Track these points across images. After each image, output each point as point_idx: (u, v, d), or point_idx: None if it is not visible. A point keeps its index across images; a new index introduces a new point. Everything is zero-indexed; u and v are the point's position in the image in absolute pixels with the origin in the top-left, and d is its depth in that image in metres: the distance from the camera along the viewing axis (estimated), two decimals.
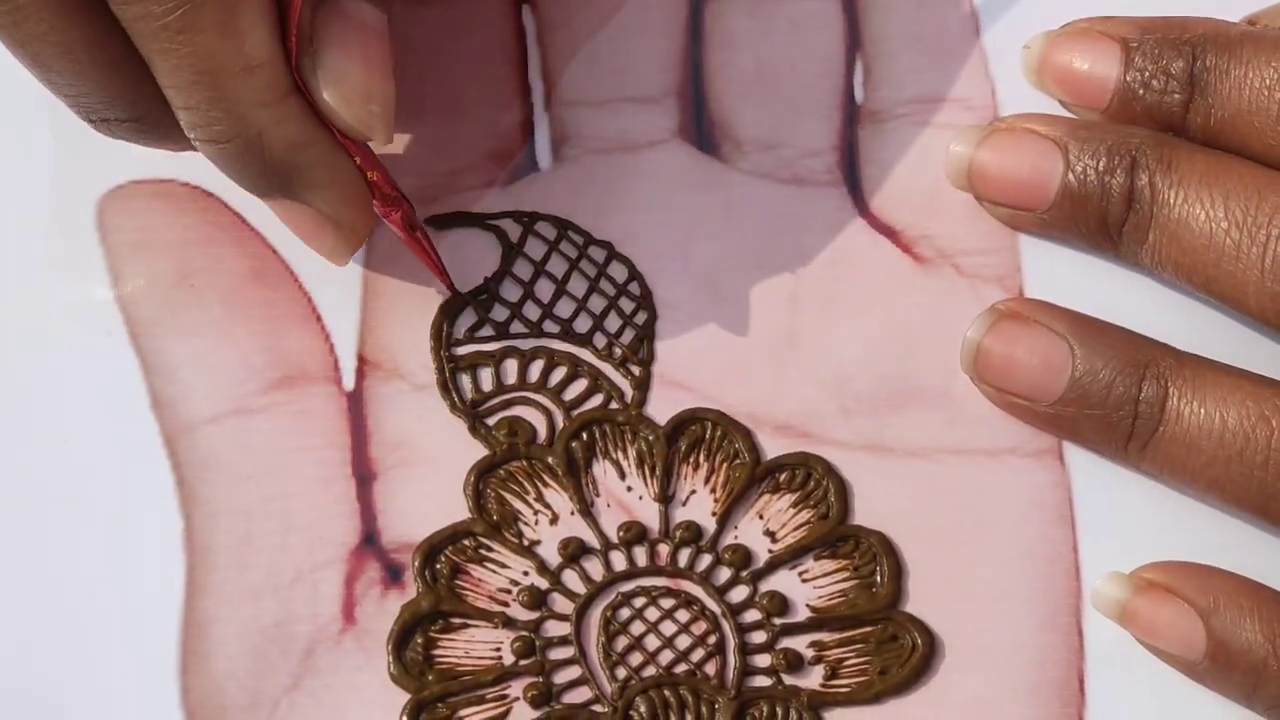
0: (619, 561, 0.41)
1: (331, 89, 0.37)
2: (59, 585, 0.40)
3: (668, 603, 0.40)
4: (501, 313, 0.42)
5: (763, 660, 0.40)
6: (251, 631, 0.40)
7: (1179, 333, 0.41)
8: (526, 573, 0.41)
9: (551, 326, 0.42)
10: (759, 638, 0.40)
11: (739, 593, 0.41)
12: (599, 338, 0.42)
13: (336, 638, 0.40)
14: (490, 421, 0.41)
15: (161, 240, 0.42)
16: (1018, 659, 0.40)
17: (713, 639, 0.40)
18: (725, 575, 0.41)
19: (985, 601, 0.40)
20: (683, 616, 0.40)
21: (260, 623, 0.40)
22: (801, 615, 0.40)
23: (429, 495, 0.41)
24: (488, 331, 0.42)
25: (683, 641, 0.40)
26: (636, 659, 0.40)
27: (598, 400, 0.42)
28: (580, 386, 0.42)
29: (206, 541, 0.41)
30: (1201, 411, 0.39)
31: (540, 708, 0.40)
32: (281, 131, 0.37)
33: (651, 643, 0.40)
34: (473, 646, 0.40)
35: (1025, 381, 0.40)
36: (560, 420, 0.42)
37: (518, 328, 0.42)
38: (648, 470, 0.41)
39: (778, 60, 0.44)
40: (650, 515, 0.41)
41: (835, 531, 0.41)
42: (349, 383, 0.42)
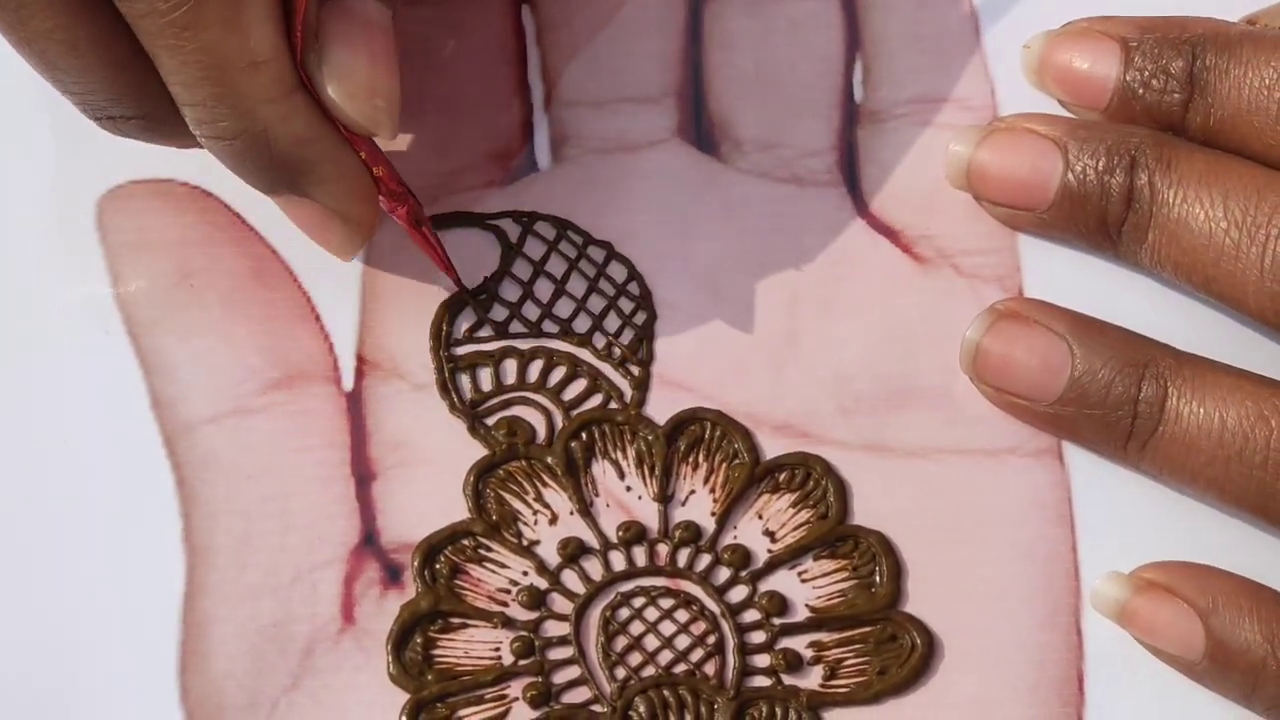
0: (618, 561, 0.41)
1: (336, 84, 0.37)
2: (58, 585, 0.40)
3: (667, 603, 0.40)
4: (501, 313, 0.42)
5: (762, 660, 0.40)
6: (250, 631, 0.40)
7: (1178, 333, 0.40)
8: (526, 573, 0.41)
9: (551, 326, 0.42)
10: (758, 638, 0.40)
11: (738, 593, 0.40)
12: (598, 338, 0.42)
13: (335, 637, 0.40)
14: (489, 421, 0.41)
15: (161, 240, 0.42)
16: (1017, 659, 0.40)
17: (712, 639, 0.40)
18: (724, 575, 0.41)
19: (984, 601, 0.40)
20: (682, 616, 0.40)
21: (259, 622, 0.40)
22: (801, 615, 0.40)
23: (428, 495, 0.41)
24: (487, 331, 0.42)
25: (682, 641, 0.40)
26: (636, 659, 0.40)
27: (597, 400, 0.42)
28: (579, 386, 0.42)
29: (206, 541, 0.41)
30: (1201, 411, 0.39)
31: (539, 708, 0.40)
32: (287, 127, 0.37)
33: (651, 643, 0.40)
34: (472, 646, 0.40)
35: (1024, 381, 0.40)
36: (559, 420, 0.42)
37: (517, 328, 0.42)
38: (647, 470, 0.41)
39: (777, 60, 0.44)
40: (649, 515, 0.41)
41: (834, 531, 0.41)
42: (348, 383, 0.42)
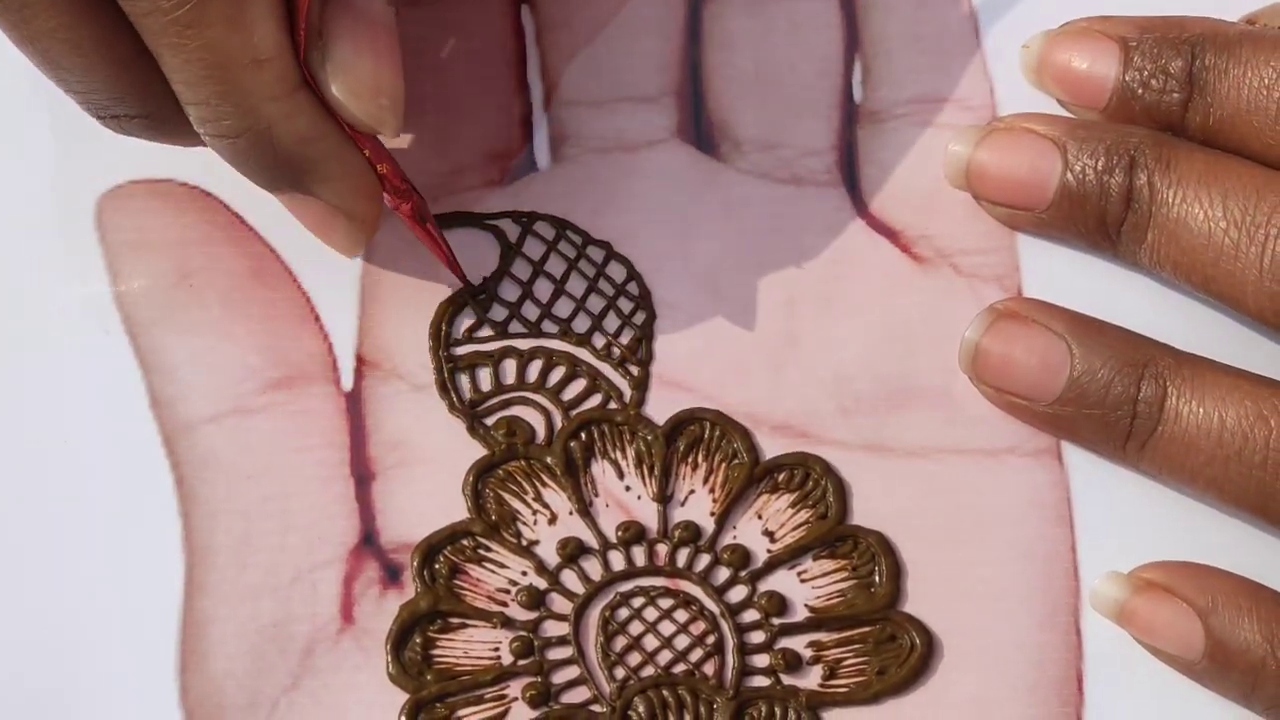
0: (617, 561, 0.41)
1: (340, 82, 0.37)
2: (58, 584, 0.40)
3: (666, 603, 0.40)
4: (500, 312, 0.42)
5: (761, 660, 0.40)
6: (250, 631, 0.40)
7: (1177, 332, 0.40)
8: (525, 573, 0.41)
9: (550, 326, 0.42)
10: (757, 638, 0.40)
11: (737, 593, 0.40)
12: (598, 337, 0.42)
13: (335, 637, 0.40)
14: (489, 421, 0.41)
15: (160, 240, 0.42)
16: (1016, 659, 0.40)
17: (711, 639, 0.40)
18: (724, 575, 0.41)
19: (984, 601, 0.40)
20: (681, 616, 0.40)
21: (259, 622, 0.40)
22: (800, 615, 0.40)
23: (428, 495, 0.41)
24: (486, 331, 0.42)
25: (681, 641, 0.40)
26: (635, 659, 0.40)
27: (596, 400, 0.42)
28: (579, 386, 0.42)
29: (205, 541, 0.41)
30: (1200, 411, 0.39)
31: (539, 708, 0.40)
32: (291, 125, 0.37)
33: (650, 642, 0.40)
34: (471, 646, 0.40)
35: (1023, 381, 0.40)
36: (559, 420, 0.42)
37: (516, 328, 0.42)
38: (646, 470, 0.41)
39: (777, 60, 0.44)
40: (649, 515, 0.41)
41: (834, 531, 0.41)
42: (348, 383, 0.42)
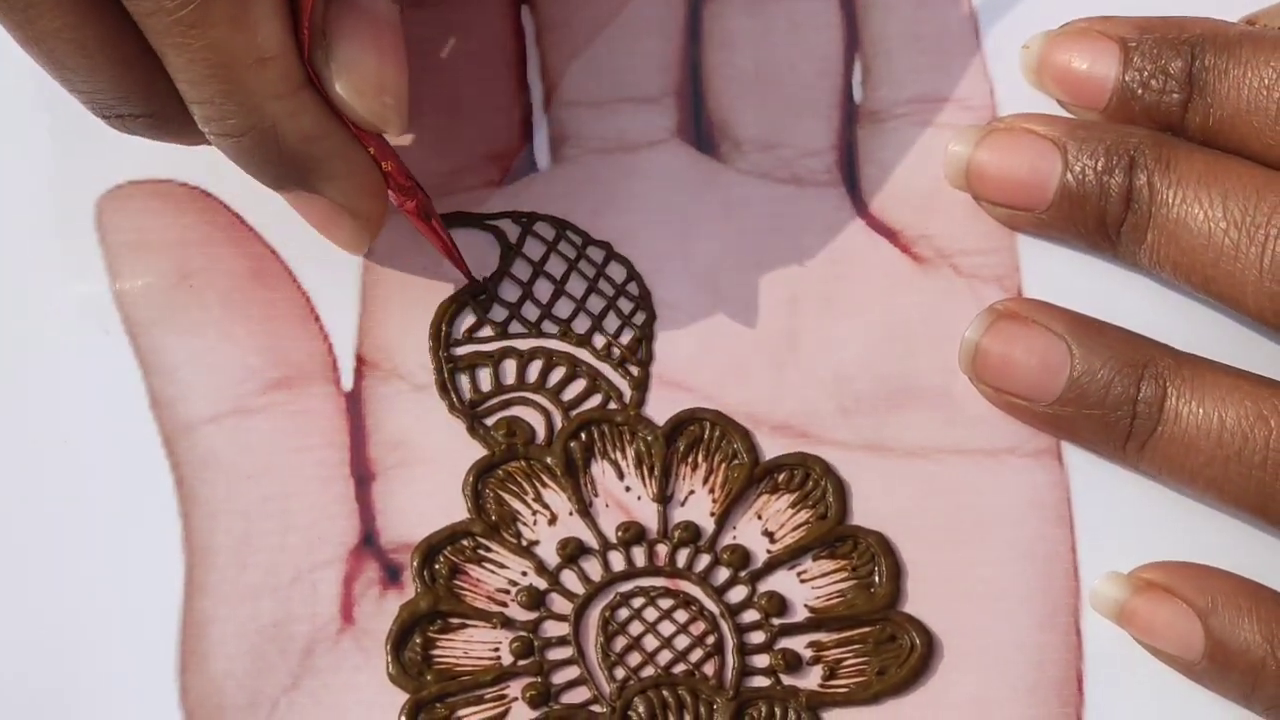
0: (617, 562, 0.41)
1: (344, 81, 0.37)
2: (58, 585, 0.40)
3: (666, 603, 0.40)
4: (500, 313, 0.42)
5: (761, 660, 0.40)
6: (250, 631, 0.40)
7: (1177, 333, 0.40)
8: (525, 573, 0.41)
9: (550, 327, 0.42)
10: (757, 638, 0.40)
11: (737, 593, 0.40)
12: (598, 338, 0.42)
13: (335, 637, 0.40)
14: (489, 422, 0.41)
15: (160, 240, 0.42)
16: (1016, 659, 0.40)
17: (711, 639, 0.40)
18: (724, 575, 0.41)
19: (984, 601, 0.40)
20: (681, 617, 0.40)
21: (259, 622, 0.40)
22: (800, 615, 0.40)
23: (428, 495, 0.41)
24: (486, 332, 0.42)
25: (681, 642, 0.40)
26: (635, 659, 0.40)
27: (596, 400, 0.42)
28: (579, 387, 0.42)
29: (205, 541, 0.41)
30: (1200, 411, 0.39)
31: (538, 708, 0.40)
32: (295, 124, 0.37)
33: (650, 643, 0.40)
34: (471, 646, 0.40)
35: (1023, 381, 0.40)
36: (559, 420, 0.42)
37: (516, 328, 0.42)
38: (646, 470, 0.41)
39: (777, 60, 0.44)
40: (649, 515, 0.41)
41: (834, 532, 0.41)
42: (348, 383, 0.42)
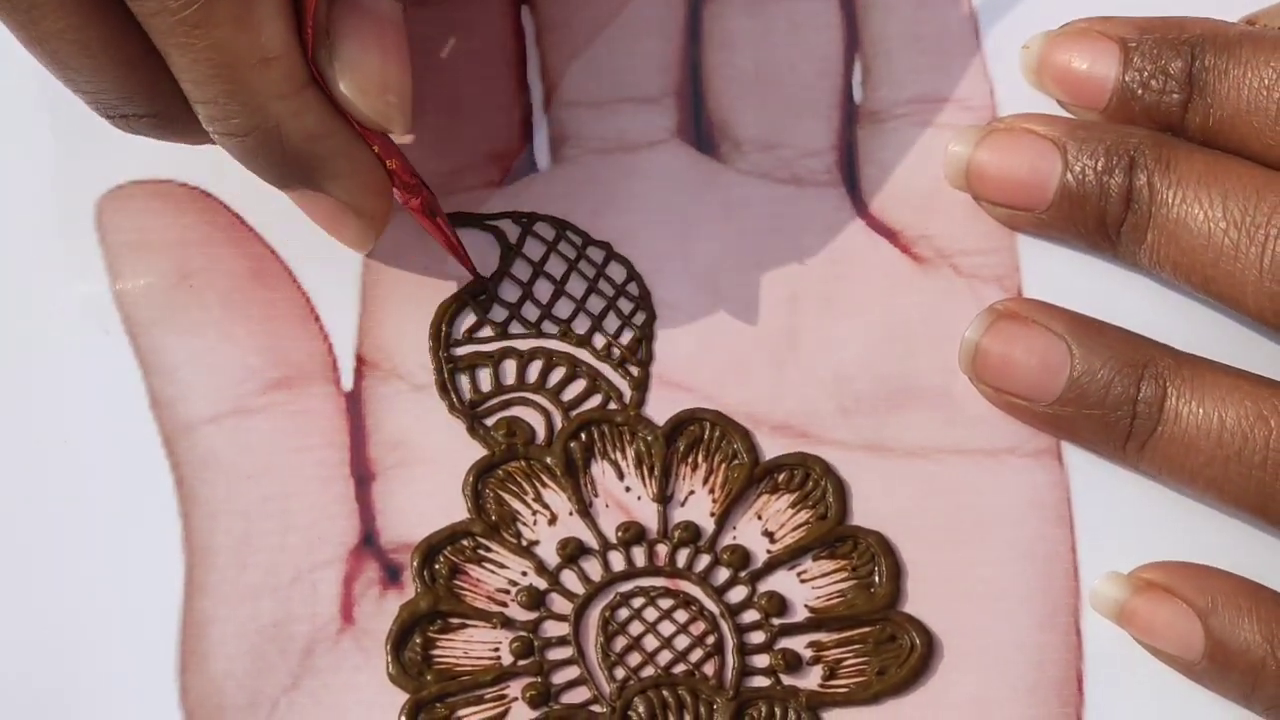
0: (617, 562, 0.41)
1: (348, 80, 0.37)
2: (58, 585, 0.40)
3: (666, 603, 0.40)
4: (500, 313, 0.42)
5: (761, 660, 0.40)
6: (250, 631, 0.40)
7: (1177, 333, 0.40)
8: (525, 573, 0.41)
9: (550, 327, 0.42)
10: (757, 638, 0.40)
11: (737, 593, 0.40)
12: (598, 338, 0.42)
13: (335, 637, 0.40)
14: (489, 422, 0.41)
15: (160, 240, 0.42)
16: (1016, 659, 0.40)
17: (711, 639, 0.40)
18: (724, 575, 0.41)
19: (984, 601, 0.40)
20: (681, 617, 0.40)
21: (259, 622, 0.40)
22: (800, 615, 0.40)
23: (428, 495, 0.41)
24: (486, 332, 0.42)
25: (681, 642, 0.40)
26: (635, 659, 0.40)
27: (596, 401, 0.42)
28: (579, 387, 0.42)
29: (205, 541, 0.41)
30: (1200, 411, 0.39)
31: (538, 708, 0.40)
32: (299, 123, 0.37)
33: (650, 643, 0.40)
34: (471, 646, 0.40)
35: (1023, 381, 0.40)
36: (559, 421, 0.42)
37: (516, 328, 0.42)
38: (646, 470, 0.41)
39: (777, 60, 0.44)
40: (649, 515, 0.41)
41: (834, 532, 0.41)
42: (348, 383, 0.42)
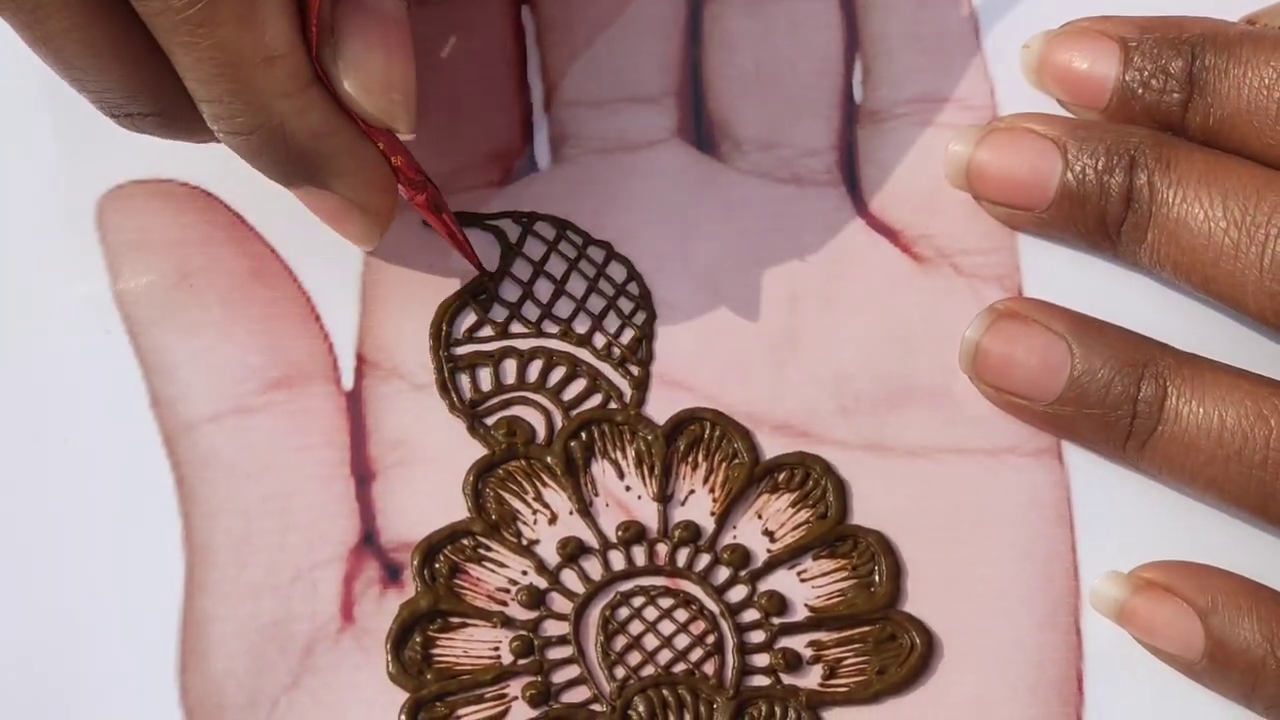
0: (617, 561, 0.41)
1: (352, 78, 0.37)
2: (58, 584, 0.40)
3: (666, 602, 0.40)
4: (500, 313, 0.42)
5: (761, 660, 0.40)
6: (250, 630, 0.40)
7: (1178, 332, 0.40)
8: (525, 572, 0.41)
9: (550, 326, 0.42)
10: (757, 637, 0.40)
11: (737, 592, 0.40)
12: (598, 337, 0.42)
13: (335, 636, 0.40)
14: (489, 421, 0.41)
15: (161, 240, 0.42)
16: (1016, 658, 0.40)
17: (711, 638, 0.40)
18: (724, 575, 0.41)
19: (984, 601, 0.40)
20: (681, 616, 0.40)
21: (259, 621, 0.40)
22: (800, 615, 0.40)
23: (428, 494, 0.41)
24: (486, 331, 0.42)
25: (681, 641, 0.40)
26: (635, 658, 0.40)
27: (596, 400, 0.42)
28: (579, 386, 0.42)
29: (205, 540, 0.41)
30: (1200, 411, 0.39)
31: (539, 707, 0.40)
32: (304, 121, 0.37)
33: (650, 642, 0.40)
34: (471, 646, 0.40)
35: (1024, 381, 0.40)
36: (559, 420, 0.42)
37: (516, 328, 0.42)
38: (646, 470, 0.41)
39: (777, 60, 0.44)
40: (649, 515, 0.41)
41: (834, 531, 0.41)
42: (348, 382, 0.42)
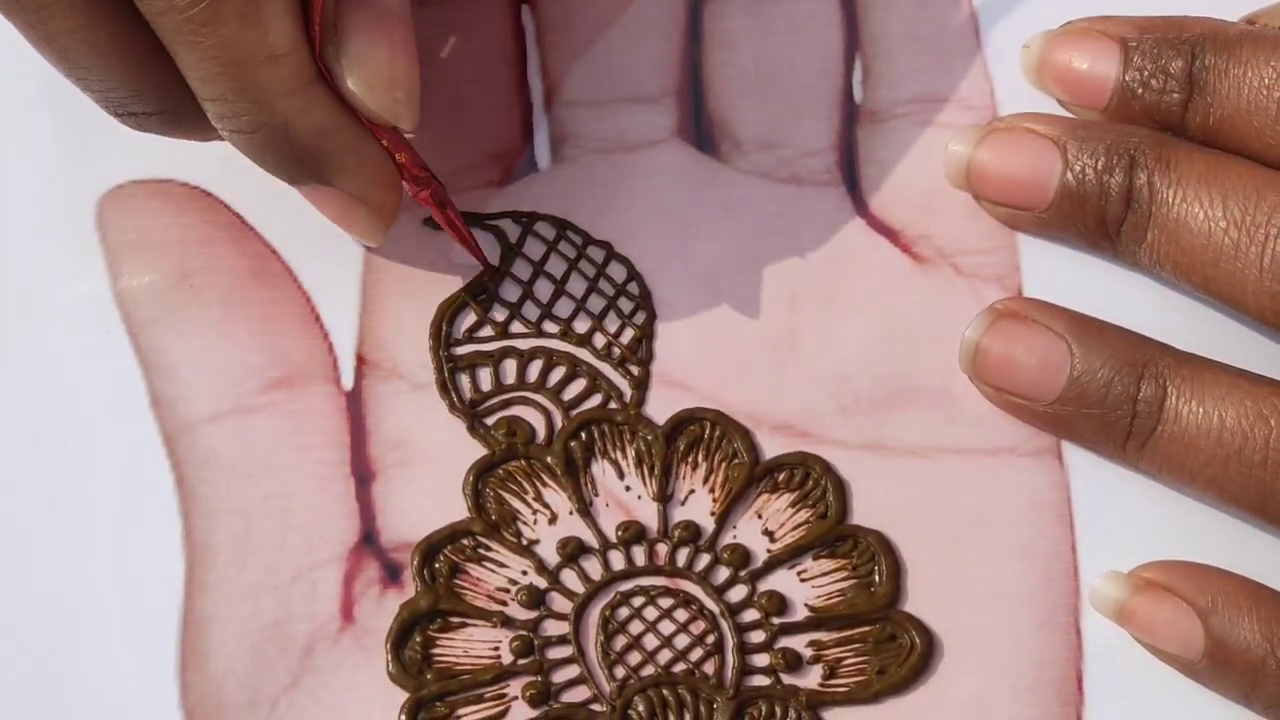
0: (617, 561, 0.41)
1: (356, 76, 0.37)
2: (58, 584, 0.40)
3: (666, 602, 0.40)
4: (500, 312, 0.42)
5: (761, 659, 0.40)
6: (250, 630, 0.40)
7: (1178, 332, 0.40)
8: (525, 572, 0.41)
9: (550, 326, 0.42)
10: (757, 637, 0.40)
11: (737, 592, 0.41)
12: (598, 337, 0.42)
13: (335, 636, 0.40)
14: (489, 421, 0.41)
15: (161, 240, 0.42)
16: (1016, 658, 0.40)
17: (711, 638, 0.40)
18: (724, 575, 0.41)
19: (984, 600, 0.40)
20: (681, 616, 0.40)
21: (259, 621, 0.40)
22: (800, 614, 0.40)
23: (428, 494, 0.41)
24: (486, 331, 0.42)
25: (681, 641, 0.40)
26: (635, 658, 0.40)
27: (596, 400, 0.42)
28: (579, 386, 0.42)
29: (206, 540, 0.41)
30: (1200, 411, 0.39)
31: (538, 707, 0.40)
32: (307, 119, 0.37)
33: (650, 642, 0.40)
34: (471, 645, 0.40)
35: (1024, 381, 0.40)
36: (559, 420, 0.42)
37: (516, 328, 0.42)
38: (646, 470, 0.41)
39: (777, 60, 0.44)
40: (649, 515, 0.41)
41: (834, 531, 0.41)
42: (348, 382, 0.42)
